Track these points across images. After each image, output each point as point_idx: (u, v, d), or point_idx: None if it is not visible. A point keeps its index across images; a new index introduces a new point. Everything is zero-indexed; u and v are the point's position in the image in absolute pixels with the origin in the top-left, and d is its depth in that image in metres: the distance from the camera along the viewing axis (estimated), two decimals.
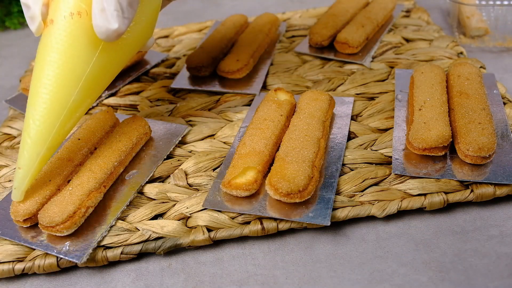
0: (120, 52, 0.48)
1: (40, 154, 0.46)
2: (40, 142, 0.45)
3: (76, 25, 0.45)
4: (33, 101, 0.46)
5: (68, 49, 0.45)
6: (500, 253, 0.45)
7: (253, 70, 0.70)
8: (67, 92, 0.46)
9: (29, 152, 0.45)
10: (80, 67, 0.46)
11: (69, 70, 0.45)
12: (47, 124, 0.45)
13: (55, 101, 0.45)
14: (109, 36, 0.45)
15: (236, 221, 0.48)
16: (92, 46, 0.46)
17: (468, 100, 0.54)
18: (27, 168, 0.46)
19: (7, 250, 0.47)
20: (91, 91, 0.48)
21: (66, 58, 0.45)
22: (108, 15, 0.44)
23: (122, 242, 0.47)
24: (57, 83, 0.45)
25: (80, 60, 0.46)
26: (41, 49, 0.46)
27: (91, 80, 0.47)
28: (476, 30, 0.75)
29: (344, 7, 0.77)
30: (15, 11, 0.97)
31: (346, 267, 0.45)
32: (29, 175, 0.46)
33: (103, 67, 0.47)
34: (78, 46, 0.45)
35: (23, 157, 0.46)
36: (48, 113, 0.45)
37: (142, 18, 0.49)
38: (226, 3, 1.00)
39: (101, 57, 0.47)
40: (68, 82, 0.45)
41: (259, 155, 0.50)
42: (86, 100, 0.48)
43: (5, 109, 0.71)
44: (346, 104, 0.62)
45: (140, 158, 0.56)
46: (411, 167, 0.51)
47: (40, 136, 0.45)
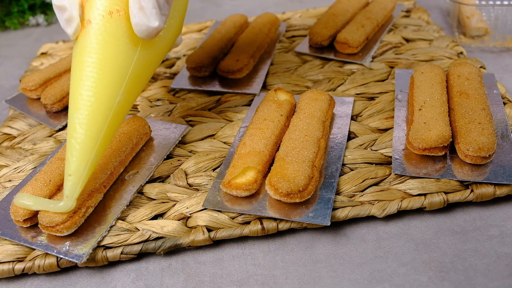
0: (158, 49, 0.48)
1: (90, 159, 0.44)
2: (89, 147, 0.44)
3: (116, 23, 0.44)
4: (76, 104, 0.44)
5: (109, 49, 0.44)
6: (500, 253, 0.45)
7: (253, 70, 0.70)
8: (112, 93, 0.44)
9: (78, 158, 0.44)
10: (123, 67, 0.45)
11: (112, 70, 0.44)
12: (95, 128, 0.44)
13: (100, 103, 0.44)
14: (149, 34, 0.44)
15: (236, 221, 0.48)
16: (132, 45, 0.45)
17: (468, 100, 0.54)
18: (78, 175, 0.44)
19: (7, 250, 0.47)
20: (134, 90, 0.47)
21: (108, 58, 0.44)
22: (147, 13, 0.43)
23: (122, 242, 0.47)
24: (101, 85, 0.44)
25: (122, 59, 0.45)
26: (79, 50, 0.45)
27: (134, 79, 0.46)
28: (476, 30, 0.75)
29: (344, 7, 0.77)
30: (15, 11, 0.97)
31: (346, 267, 0.45)
32: (80, 181, 0.44)
33: (143, 65, 0.47)
34: (119, 45, 0.44)
35: (72, 164, 0.44)
36: (94, 116, 0.44)
37: (175, 13, 0.49)
38: (226, 3, 1.00)
39: (142, 56, 0.46)
40: (112, 83, 0.44)
41: (259, 155, 0.50)
42: (130, 100, 0.47)
43: (5, 109, 0.71)
44: (346, 104, 0.62)
45: (140, 158, 0.56)
46: (411, 167, 0.51)
47: (89, 140, 0.44)
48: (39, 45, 0.89)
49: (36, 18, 0.98)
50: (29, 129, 0.65)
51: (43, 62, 0.80)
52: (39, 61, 0.81)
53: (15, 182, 0.56)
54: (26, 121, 0.66)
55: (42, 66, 0.80)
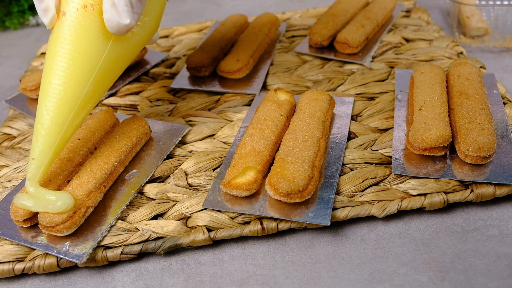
0: (130, 46, 0.49)
1: (54, 145, 0.46)
2: (54, 133, 0.46)
3: (89, 17, 0.46)
4: (46, 92, 0.46)
5: (81, 41, 0.46)
6: (500, 253, 0.45)
7: (253, 70, 0.70)
8: (81, 84, 0.46)
9: (43, 143, 0.46)
10: (93, 59, 0.46)
11: (82, 61, 0.46)
12: (61, 115, 0.46)
13: (68, 92, 0.46)
14: (119, 30, 0.46)
15: (236, 221, 0.48)
16: (104, 38, 0.46)
17: (468, 100, 0.54)
18: (41, 159, 0.46)
19: (7, 250, 0.47)
20: (102, 83, 0.48)
21: (80, 50, 0.46)
22: (119, 10, 0.44)
23: (122, 242, 0.47)
24: (70, 74, 0.46)
25: (93, 52, 0.46)
26: (53, 41, 0.47)
27: (103, 72, 0.47)
28: (476, 30, 0.75)
29: (344, 7, 0.77)
30: (15, 11, 0.97)
31: (346, 267, 0.45)
32: (42, 166, 0.46)
33: (114, 60, 0.48)
34: (91, 38, 0.46)
35: (36, 148, 0.46)
36: (62, 104, 0.46)
37: (150, 12, 0.49)
38: (226, 3, 1.00)
39: (113, 50, 0.47)
40: (81, 74, 0.46)
41: (259, 155, 0.50)
42: (98, 92, 0.48)
43: (5, 109, 0.71)
44: (346, 104, 0.62)
45: (140, 158, 0.56)
46: (411, 167, 0.51)
47: (54, 127, 0.46)
48: (39, 45, 0.89)
49: (36, 18, 0.98)
50: (29, 129, 0.64)
51: (43, 62, 0.80)
52: (39, 61, 0.81)
53: (15, 182, 0.56)
54: (26, 121, 0.66)
55: (42, 66, 0.80)
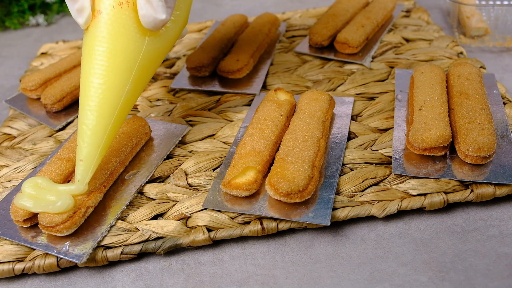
0: (165, 40, 0.49)
1: (101, 144, 0.46)
2: (100, 132, 0.46)
3: (125, 14, 0.46)
4: (87, 92, 0.46)
5: (119, 39, 0.46)
6: (500, 253, 0.45)
7: (253, 70, 0.70)
8: (122, 81, 0.46)
9: (89, 144, 0.46)
10: (132, 56, 0.46)
11: (122, 59, 0.46)
12: (105, 114, 0.46)
13: (111, 90, 0.46)
14: (156, 25, 0.46)
15: (236, 221, 0.48)
16: (141, 35, 0.47)
17: (468, 100, 0.54)
18: (89, 160, 0.46)
19: (7, 250, 0.47)
20: (142, 79, 0.48)
21: (119, 47, 0.46)
22: (154, 5, 0.45)
23: (122, 242, 0.47)
24: (111, 73, 0.46)
25: (132, 49, 0.46)
26: (89, 40, 0.46)
27: (142, 68, 0.47)
28: (476, 30, 0.75)
29: (344, 7, 0.77)
30: (15, 11, 0.97)
31: (346, 267, 0.45)
32: (91, 166, 0.46)
33: (152, 55, 0.48)
34: (129, 35, 0.46)
35: (84, 149, 0.46)
36: (105, 103, 0.46)
37: (181, 5, 0.50)
38: (226, 3, 1.00)
39: (150, 46, 0.48)
40: (122, 71, 0.46)
41: (259, 155, 0.50)
42: (139, 89, 0.48)
43: (5, 109, 0.71)
44: (346, 104, 0.62)
45: (140, 158, 0.56)
46: (411, 167, 0.51)
47: (99, 127, 0.46)
48: (39, 45, 0.89)
49: (36, 18, 0.98)
50: (29, 129, 0.65)
51: (43, 62, 0.80)
52: (39, 61, 0.81)
53: (15, 182, 0.56)
54: (26, 121, 0.66)
55: (42, 66, 0.80)
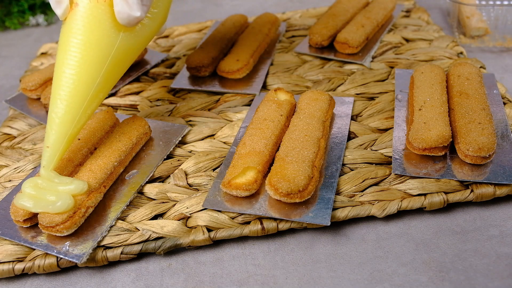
0: (140, 37, 0.50)
1: (68, 133, 0.47)
2: (68, 121, 0.47)
3: (101, 8, 0.47)
4: (59, 81, 0.47)
5: (93, 32, 0.47)
6: (500, 253, 0.45)
7: (253, 70, 0.70)
8: (94, 73, 0.47)
9: (57, 131, 0.47)
10: (106, 50, 0.48)
11: (95, 52, 0.47)
12: (74, 104, 0.47)
13: (82, 81, 0.47)
14: (130, 22, 0.47)
15: (236, 221, 0.48)
16: (115, 30, 0.48)
17: (468, 100, 0.54)
18: (55, 147, 0.47)
19: (7, 250, 0.47)
20: (114, 73, 0.50)
21: (92, 41, 0.47)
22: (129, 3, 0.46)
23: (122, 242, 0.47)
24: (84, 64, 0.47)
25: (105, 43, 0.48)
26: (65, 31, 0.48)
27: (115, 63, 0.49)
28: (476, 30, 0.75)
29: (344, 7, 0.77)
30: (15, 11, 0.97)
31: (346, 267, 0.45)
32: (57, 153, 0.47)
33: (125, 51, 0.49)
34: (103, 29, 0.47)
35: (51, 136, 0.47)
36: (75, 94, 0.47)
37: (159, 3, 0.51)
38: (226, 3, 1.00)
39: (124, 41, 0.49)
40: (94, 64, 0.47)
41: (259, 155, 0.50)
42: (110, 82, 0.50)
43: (5, 109, 0.71)
44: (346, 104, 0.62)
45: (140, 158, 0.56)
46: (411, 167, 0.51)
47: (68, 115, 0.47)
48: (39, 45, 0.89)
49: (36, 18, 0.98)
50: (29, 129, 0.65)
51: (43, 62, 0.80)
52: (39, 61, 0.81)
53: (15, 182, 0.56)
54: (26, 121, 0.66)
55: (42, 66, 0.80)
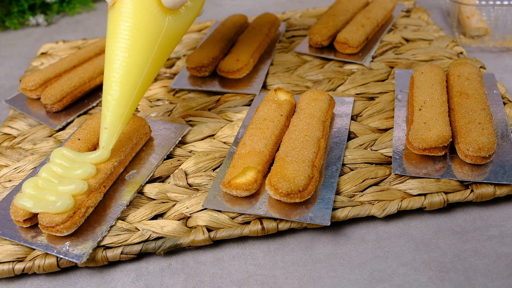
0: (185, 18, 0.53)
1: (124, 114, 0.49)
2: (123, 102, 0.49)
3: None
4: (112, 64, 0.49)
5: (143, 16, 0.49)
6: (500, 253, 0.45)
7: (253, 70, 0.70)
8: (145, 55, 0.50)
9: (113, 113, 0.49)
10: (155, 32, 0.50)
11: (145, 34, 0.49)
12: (129, 86, 0.49)
13: (135, 64, 0.49)
14: (175, 5, 0.50)
15: (236, 221, 0.48)
16: (162, 13, 0.50)
17: (468, 100, 0.54)
18: (113, 128, 0.49)
19: (7, 250, 0.47)
20: (163, 55, 0.52)
21: (143, 24, 0.49)
22: None
23: (122, 242, 0.47)
24: (136, 47, 0.49)
25: (154, 26, 0.50)
26: (114, 16, 0.50)
27: (164, 45, 0.51)
28: (476, 30, 0.75)
29: (344, 7, 0.77)
30: (15, 11, 0.97)
31: (346, 267, 0.45)
32: (115, 134, 0.50)
33: (172, 33, 0.52)
34: (151, 14, 0.49)
35: (108, 118, 0.49)
36: (129, 76, 0.49)
37: None
38: (226, 3, 1.00)
39: (171, 23, 0.51)
40: (145, 47, 0.49)
41: (259, 155, 0.50)
42: (160, 63, 0.52)
43: (5, 109, 0.71)
44: (346, 104, 0.62)
45: (140, 158, 0.56)
46: (411, 167, 0.51)
47: (123, 97, 0.49)
48: (39, 45, 0.89)
49: (36, 18, 0.98)
50: (29, 129, 0.65)
51: (43, 62, 0.80)
52: (39, 61, 0.81)
53: (15, 182, 0.56)
54: (26, 121, 0.66)
55: (42, 66, 0.80)
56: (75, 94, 0.66)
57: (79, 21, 0.99)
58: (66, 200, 0.45)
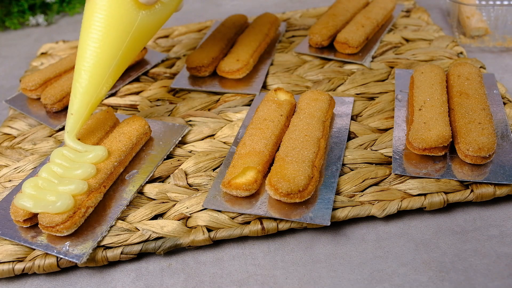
0: (159, 14, 0.53)
1: (91, 102, 0.51)
2: (91, 91, 0.51)
3: None
4: (84, 53, 0.51)
5: (116, 9, 0.50)
6: (500, 253, 0.45)
7: (253, 70, 0.70)
8: (115, 48, 0.51)
9: (81, 100, 0.51)
10: (126, 26, 0.51)
11: (117, 27, 0.51)
12: (97, 75, 0.51)
13: (104, 54, 0.51)
14: (149, 0, 0.51)
15: (236, 221, 0.48)
16: (136, 8, 0.51)
17: (468, 100, 0.54)
18: (79, 115, 0.51)
19: (7, 250, 0.47)
20: (134, 48, 0.53)
21: (115, 17, 0.50)
22: None
23: (122, 242, 0.47)
24: (107, 39, 0.50)
25: (127, 20, 0.51)
26: (90, 7, 0.51)
27: (135, 39, 0.52)
28: (476, 30, 0.75)
29: (344, 7, 0.77)
30: (15, 11, 0.97)
31: (346, 267, 0.45)
32: (80, 120, 0.51)
33: (145, 27, 0.53)
34: (125, 7, 0.50)
35: (75, 104, 0.51)
36: (99, 65, 0.51)
37: None
38: (226, 3, 1.00)
39: (144, 18, 0.52)
40: (115, 39, 0.51)
41: (259, 155, 0.50)
42: (130, 56, 0.54)
43: (5, 109, 0.71)
44: (346, 104, 0.62)
45: (140, 158, 0.56)
46: (411, 167, 0.51)
47: (91, 85, 0.51)
48: (39, 45, 0.89)
49: (36, 18, 0.98)
50: (29, 129, 0.65)
51: (43, 62, 0.80)
52: (39, 61, 0.81)
53: (15, 182, 0.56)
54: (26, 121, 0.66)
55: (42, 66, 0.80)
56: None
57: (79, 21, 0.99)
58: (66, 200, 0.45)
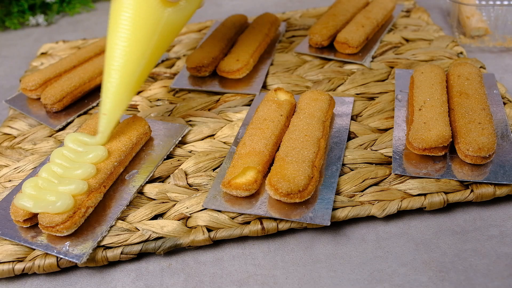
0: (184, 10, 0.54)
1: (122, 101, 0.51)
2: (122, 90, 0.51)
3: None
4: (113, 53, 0.50)
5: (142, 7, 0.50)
6: (500, 253, 0.45)
7: (253, 70, 0.70)
8: (144, 46, 0.51)
9: (112, 100, 0.51)
10: (154, 24, 0.51)
11: (145, 25, 0.50)
12: (128, 74, 0.50)
13: (134, 53, 0.50)
14: None
15: (236, 221, 0.48)
16: (162, 5, 0.51)
17: (468, 100, 0.54)
18: (112, 114, 0.51)
19: (7, 250, 0.47)
20: (162, 45, 0.53)
21: (143, 15, 0.50)
22: None
23: (122, 242, 0.47)
24: (135, 37, 0.50)
25: (154, 18, 0.51)
26: (116, 7, 0.51)
27: (163, 36, 0.52)
28: (476, 30, 0.75)
29: (344, 7, 0.77)
30: (15, 11, 0.97)
31: (346, 267, 0.45)
32: (113, 120, 0.51)
33: (172, 24, 0.53)
34: (151, 5, 0.50)
35: (107, 104, 0.51)
36: (128, 64, 0.50)
37: None
38: (226, 3, 1.00)
39: (170, 15, 0.52)
40: (144, 37, 0.51)
41: (259, 155, 0.50)
42: (158, 54, 0.53)
43: (5, 109, 0.71)
44: (346, 104, 0.62)
45: (140, 158, 0.56)
46: (411, 167, 0.51)
47: (123, 84, 0.50)
48: (39, 45, 0.89)
49: (36, 18, 0.98)
50: (29, 129, 0.64)
51: (43, 62, 0.80)
52: (39, 61, 0.81)
53: (15, 182, 0.56)
54: (26, 121, 0.66)
55: (42, 66, 0.80)
56: (75, 94, 0.66)
57: (79, 21, 0.99)
58: (66, 200, 0.45)
